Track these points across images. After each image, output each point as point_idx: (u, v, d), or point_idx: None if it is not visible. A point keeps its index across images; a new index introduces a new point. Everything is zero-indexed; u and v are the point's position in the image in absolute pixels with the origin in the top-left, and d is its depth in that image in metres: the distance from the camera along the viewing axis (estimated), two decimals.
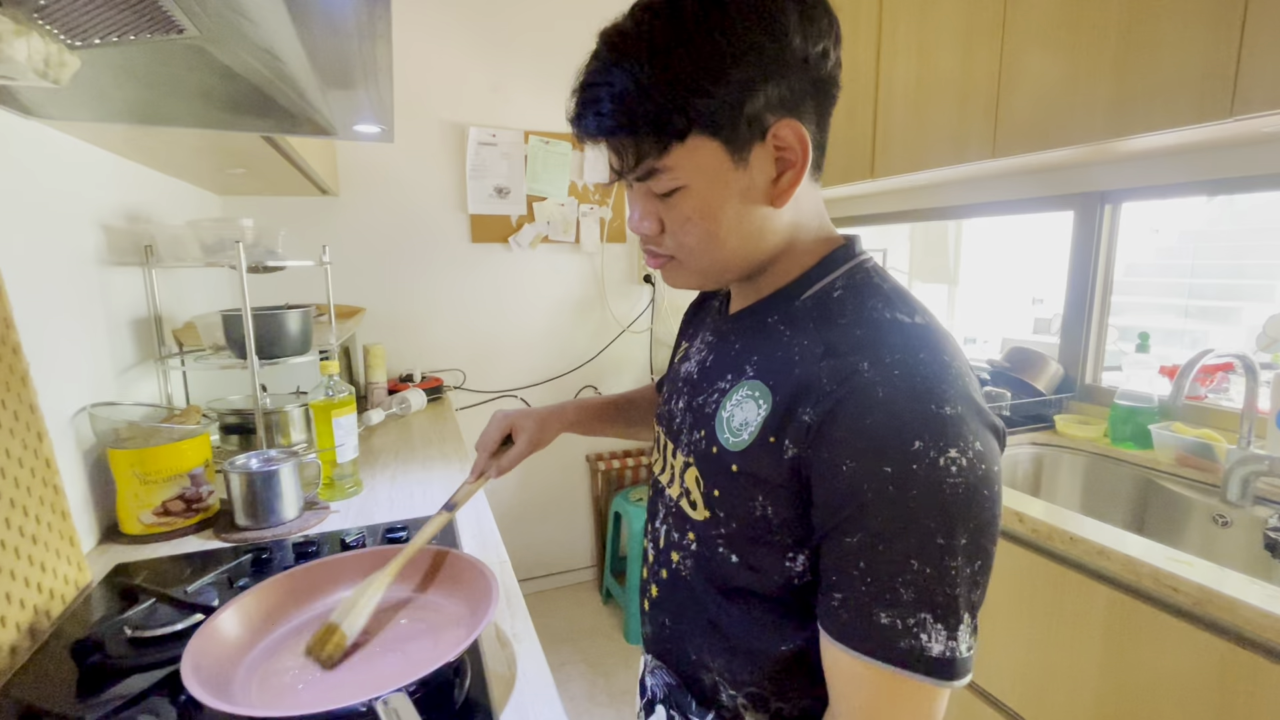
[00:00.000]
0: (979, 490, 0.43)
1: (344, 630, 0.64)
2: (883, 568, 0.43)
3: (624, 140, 0.48)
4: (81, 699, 0.63)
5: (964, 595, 0.43)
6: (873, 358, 0.45)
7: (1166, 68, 1.06)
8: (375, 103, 0.88)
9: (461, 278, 2.20)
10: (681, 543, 0.58)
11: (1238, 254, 2.63)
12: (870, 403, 0.43)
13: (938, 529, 0.42)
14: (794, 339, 0.51)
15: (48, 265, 0.92)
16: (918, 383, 0.44)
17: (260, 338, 1.18)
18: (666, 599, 0.61)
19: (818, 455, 0.45)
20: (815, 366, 0.47)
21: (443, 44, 2.05)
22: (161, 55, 0.67)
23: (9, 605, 0.69)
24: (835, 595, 0.46)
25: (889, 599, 0.43)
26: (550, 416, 0.82)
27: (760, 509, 0.50)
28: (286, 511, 1.04)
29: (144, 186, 1.27)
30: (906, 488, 0.42)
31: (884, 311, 0.49)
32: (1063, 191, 1.57)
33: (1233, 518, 1.15)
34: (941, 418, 0.42)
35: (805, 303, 0.53)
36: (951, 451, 0.42)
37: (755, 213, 0.50)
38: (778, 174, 0.50)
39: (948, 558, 0.42)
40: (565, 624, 2.25)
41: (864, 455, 0.43)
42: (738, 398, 0.53)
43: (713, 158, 0.48)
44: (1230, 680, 0.81)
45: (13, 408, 0.75)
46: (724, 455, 0.52)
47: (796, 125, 0.48)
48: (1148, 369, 1.40)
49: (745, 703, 0.55)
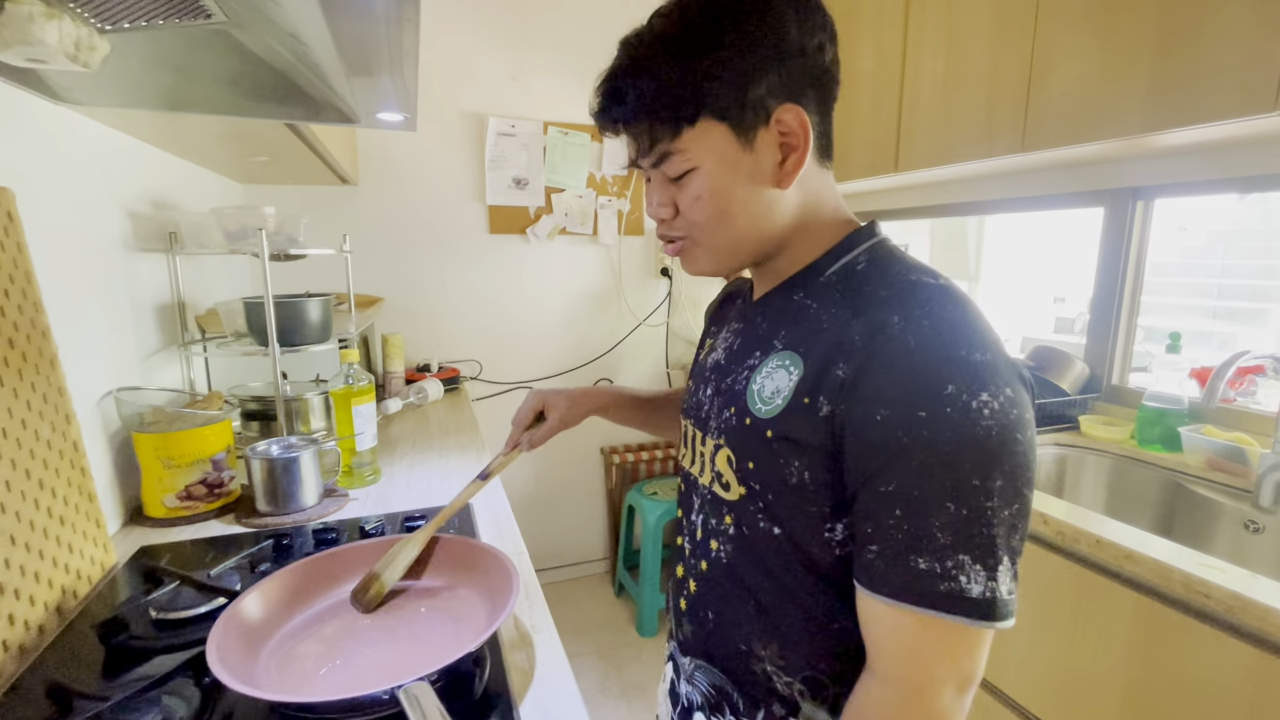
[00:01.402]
0: (1012, 433, 0.43)
1: (384, 579, 0.71)
2: (918, 512, 0.43)
3: (641, 126, 0.53)
4: (107, 679, 0.64)
5: (1002, 536, 0.43)
6: (902, 312, 0.47)
7: (1207, 59, 1.03)
8: (399, 90, 0.87)
9: (479, 269, 2.20)
10: (720, 528, 0.58)
11: (1267, 254, 2.56)
12: (902, 351, 0.45)
13: (972, 470, 0.43)
14: (821, 309, 0.53)
15: (76, 250, 0.93)
16: (946, 330, 0.45)
17: (281, 325, 1.19)
18: (708, 591, 0.60)
19: (852, 408, 0.46)
20: (845, 327, 0.49)
21: (463, 33, 2.04)
22: (189, 40, 0.67)
23: (37, 584, 0.70)
24: (871, 547, 0.46)
25: (925, 543, 0.43)
26: (582, 396, 0.84)
27: (796, 475, 0.50)
28: (306, 498, 1.05)
29: (169, 173, 1.28)
30: (940, 430, 0.43)
31: (908, 275, 0.51)
32: (1093, 187, 1.53)
33: (1264, 524, 1.13)
34: (972, 363, 0.44)
35: (830, 277, 0.55)
36: (983, 395, 0.43)
37: (763, 193, 0.53)
38: (782, 157, 0.53)
39: (983, 498, 0.43)
40: (578, 616, 2.26)
41: (898, 402, 0.44)
42: (768, 369, 0.54)
43: (721, 140, 0.51)
44: (1262, 690, 0.79)
45: (42, 390, 0.75)
46: (757, 424, 0.53)
47: (798, 110, 0.51)
48: (1177, 370, 1.37)
49: (802, 689, 0.54)
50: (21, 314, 0.74)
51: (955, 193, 1.90)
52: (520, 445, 0.82)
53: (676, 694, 0.65)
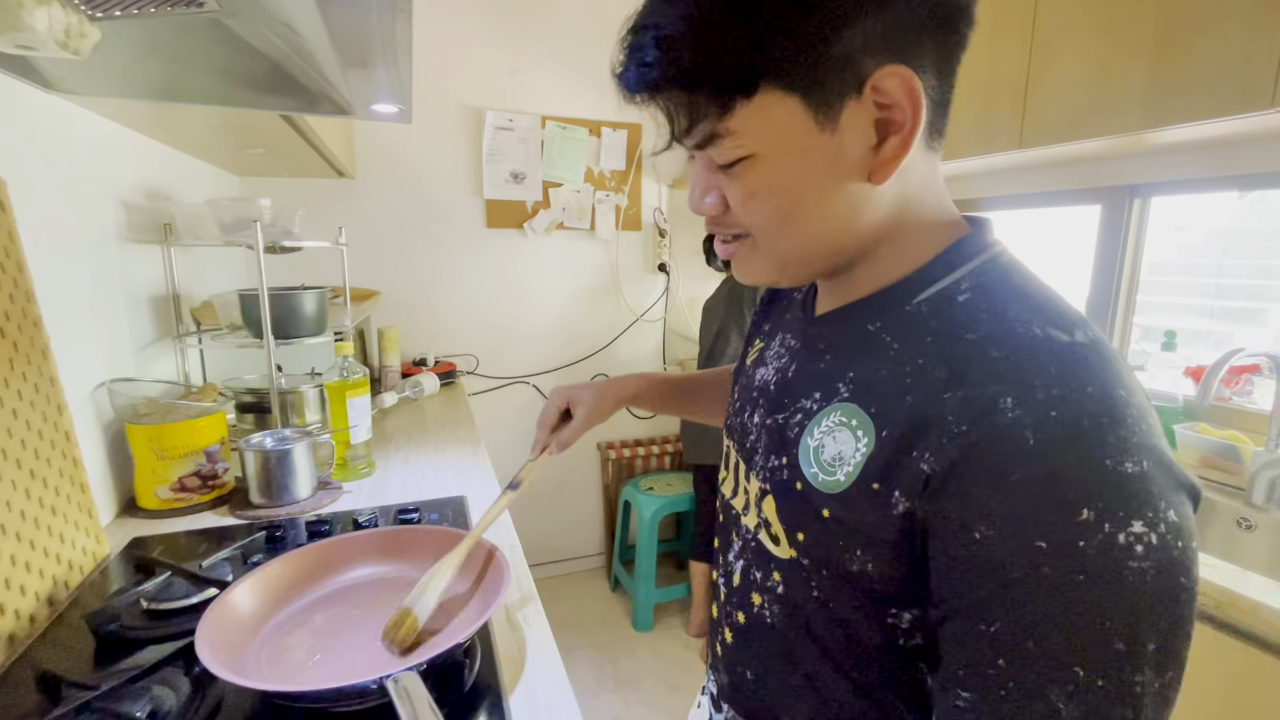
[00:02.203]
0: (1174, 577, 0.31)
1: (416, 614, 0.63)
2: (1031, 671, 0.32)
3: (675, 97, 0.38)
4: (98, 668, 0.64)
5: (1145, 713, 0.32)
6: (1019, 391, 0.34)
7: (1205, 55, 1.02)
8: (394, 81, 0.87)
9: (476, 263, 2.20)
10: (765, 584, 0.48)
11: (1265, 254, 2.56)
12: (1017, 452, 0.32)
13: (1115, 630, 0.31)
14: (904, 355, 0.40)
15: (69, 241, 0.93)
16: (1085, 427, 0.32)
17: (276, 318, 1.18)
18: (746, 648, 0.50)
19: (940, 514, 0.35)
20: (937, 397, 0.36)
21: (461, 26, 2.03)
22: (182, 29, 0.66)
23: (28, 574, 0.70)
24: (963, 695, 0.34)
25: (1040, 711, 0.32)
26: (609, 389, 0.77)
27: (858, 563, 0.40)
28: (300, 490, 1.05)
29: (164, 165, 1.28)
30: (1071, 572, 0.31)
31: (1031, 325, 0.36)
32: (1090, 185, 1.54)
33: (1257, 521, 1.13)
34: (1120, 476, 0.31)
35: (919, 307, 0.41)
36: (1136, 525, 0.31)
37: (847, 190, 0.39)
38: (879, 139, 0.38)
39: (1129, 669, 0.31)
40: (573, 610, 2.26)
41: (1008, 522, 0.32)
42: (829, 424, 0.42)
43: (789, 118, 0.37)
44: (1251, 685, 0.80)
45: (33, 380, 0.75)
46: (811, 494, 0.42)
47: (906, 73, 0.36)
48: (1172, 369, 1.37)
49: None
50: (13, 304, 0.74)
51: (953, 190, 1.89)
52: (549, 448, 0.76)
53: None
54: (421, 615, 0.64)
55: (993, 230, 0.45)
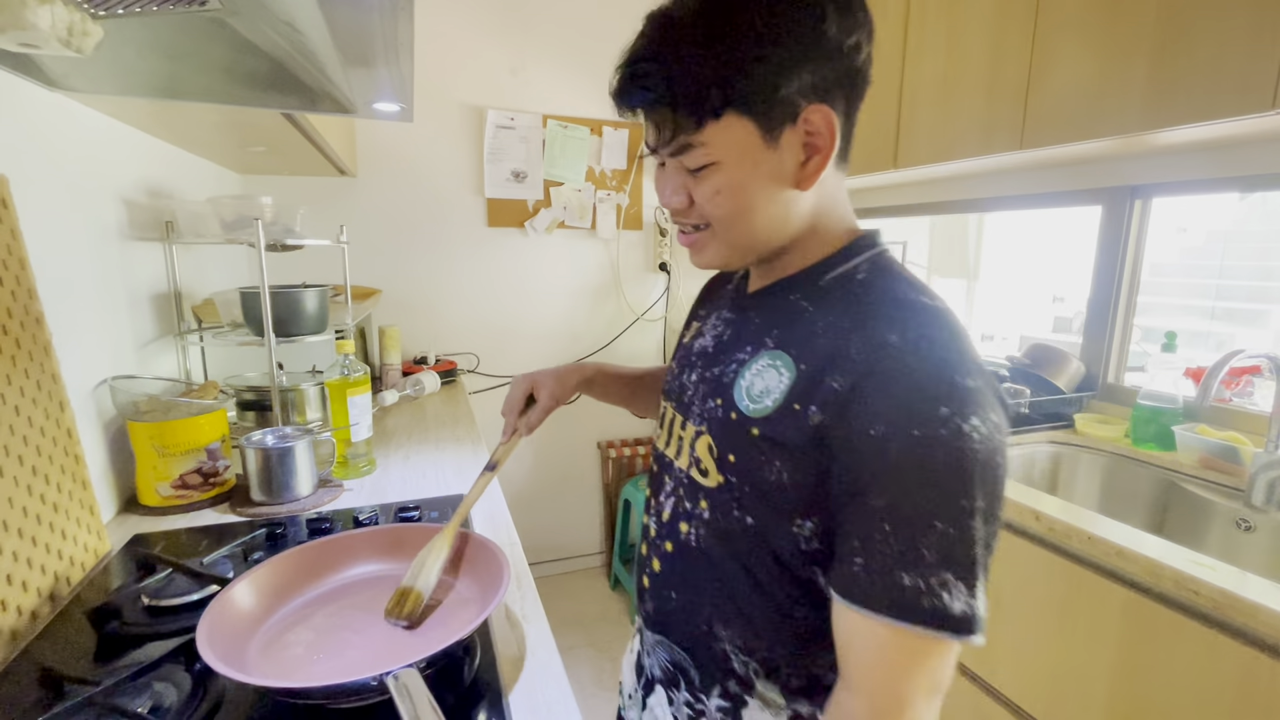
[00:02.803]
0: (995, 457, 0.45)
1: (419, 589, 0.68)
2: (908, 529, 0.44)
3: (663, 113, 0.51)
4: (99, 664, 0.64)
5: (981, 556, 0.45)
6: (900, 331, 0.48)
7: (1206, 57, 1.02)
8: (396, 80, 0.87)
9: (477, 262, 2.20)
10: (693, 511, 0.59)
11: (1266, 255, 2.56)
12: (900, 372, 0.46)
13: (960, 491, 0.44)
14: (817, 314, 0.54)
15: (71, 238, 0.93)
16: (941, 354, 0.46)
17: (278, 316, 1.19)
18: (672, 572, 0.61)
19: (845, 422, 0.47)
20: (843, 339, 0.49)
21: (463, 25, 2.04)
22: (184, 27, 0.66)
23: (30, 570, 0.70)
24: (856, 560, 0.46)
25: (913, 560, 0.44)
26: (568, 372, 0.84)
27: (776, 474, 0.51)
28: (301, 488, 1.05)
29: (165, 162, 1.28)
30: (934, 451, 0.44)
31: (907, 293, 0.51)
32: (1091, 185, 1.53)
33: (1256, 522, 1.13)
34: (965, 388, 0.45)
35: (829, 282, 0.55)
36: (974, 419, 0.44)
37: (782, 194, 0.52)
38: (806, 157, 0.51)
39: (969, 519, 0.44)
40: (573, 608, 2.27)
41: (894, 421, 0.45)
42: (758, 366, 0.55)
43: (745, 136, 0.50)
44: (1249, 686, 0.80)
45: (35, 377, 0.75)
46: (744, 421, 0.54)
47: (827, 111, 0.50)
48: (1173, 370, 1.37)
49: (758, 669, 0.56)
50: (15, 300, 0.74)
51: (954, 190, 1.90)
52: (519, 431, 0.81)
53: (641, 666, 0.68)
54: (425, 590, 0.68)
55: (880, 236, 0.59)
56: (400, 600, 0.67)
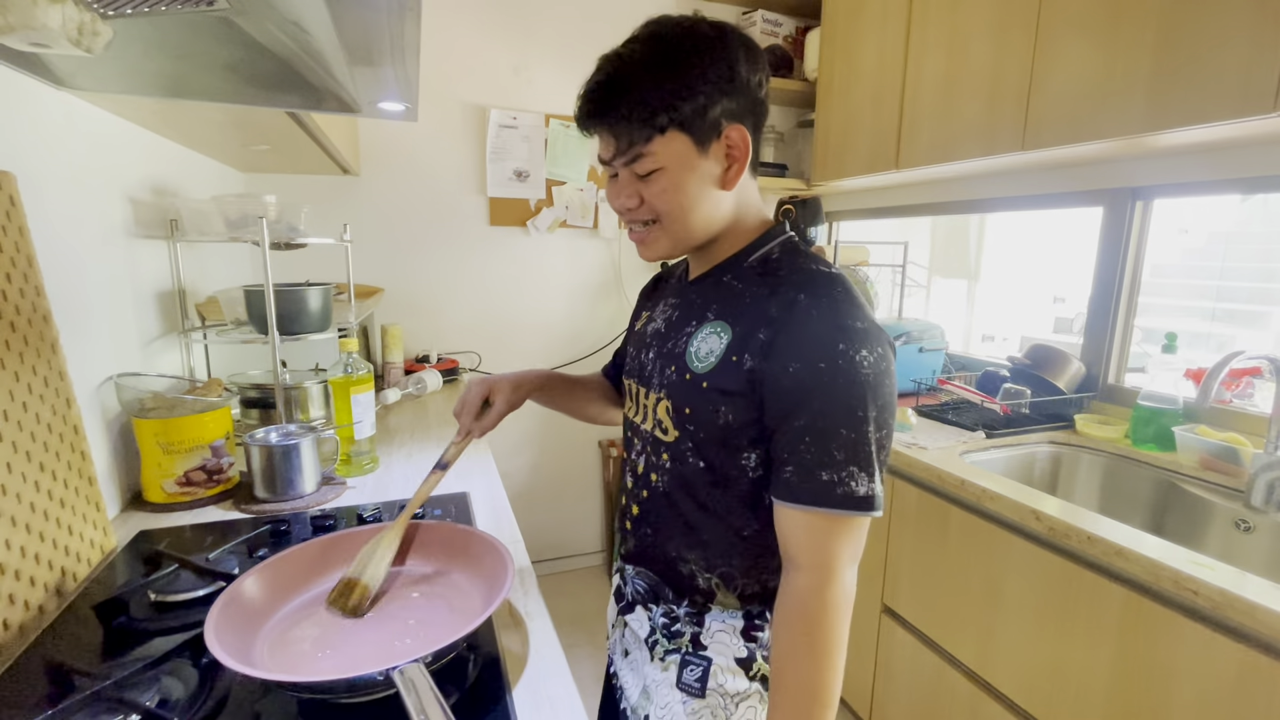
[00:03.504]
0: (883, 379, 0.61)
1: (365, 581, 0.70)
2: (822, 438, 0.59)
3: (621, 129, 0.65)
4: (106, 658, 0.64)
5: (876, 452, 0.61)
6: (807, 290, 0.63)
7: (1207, 59, 1.03)
8: (401, 80, 0.87)
9: (479, 261, 2.20)
10: (659, 463, 0.73)
11: (1268, 257, 2.56)
12: (807, 320, 0.61)
13: (857, 405, 0.59)
14: (745, 288, 0.68)
15: (77, 235, 0.93)
16: (837, 305, 0.61)
17: (281, 313, 1.19)
18: (647, 513, 0.75)
19: (770, 365, 0.61)
20: (765, 302, 0.64)
21: (466, 24, 2.04)
22: (191, 27, 0.67)
23: (37, 566, 0.71)
24: (786, 469, 0.61)
25: (828, 461, 0.59)
26: (522, 380, 0.90)
27: (723, 416, 0.65)
28: (304, 485, 1.05)
29: (170, 161, 1.29)
30: (836, 377, 0.59)
31: (809, 264, 0.67)
32: (1092, 187, 1.54)
33: (1255, 523, 1.13)
34: (856, 329, 0.60)
35: (752, 264, 0.70)
36: (864, 351, 0.60)
37: (711, 193, 0.67)
38: (728, 165, 0.66)
39: (865, 426, 0.60)
40: (574, 607, 2.27)
41: (805, 358, 0.60)
42: (702, 335, 0.69)
43: (684, 148, 0.64)
44: (1248, 685, 0.80)
45: (42, 374, 0.76)
46: (695, 378, 0.67)
47: (743, 130, 0.65)
48: (1173, 371, 1.37)
49: (719, 582, 0.70)
50: (23, 298, 0.74)
51: (955, 191, 1.90)
52: (472, 433, 0.86)
53: (622, 594, 0.81)
54: (372, 582, 0.70)
55: (786, 225, 0.73)
56: (345, 591, 0.69)
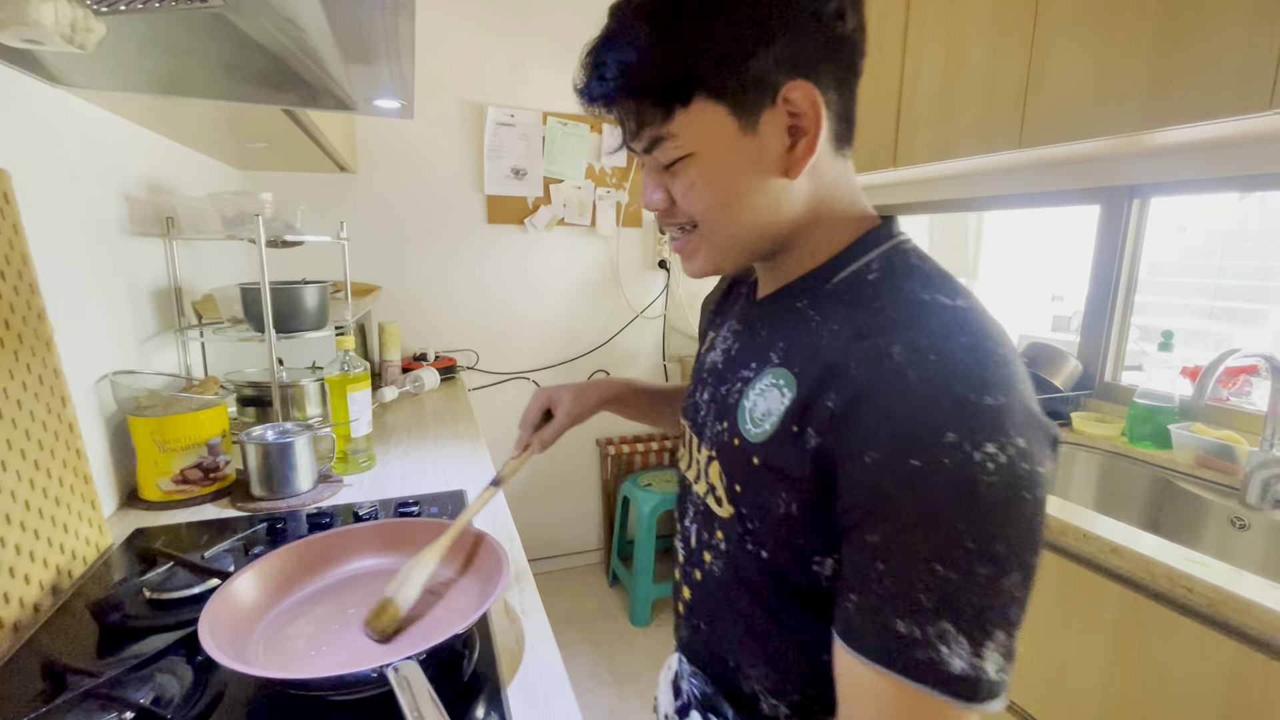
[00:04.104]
0: (1018, 492, 0.38)
1: (398, 603, 0.65)
2: (902, 570, 0.39)
3: (627, 106, 0.47)
4: (102, 656, 0.64)
5: (995, 609, 0.38)
6: (906, 340, 0.41)
7: (1204, 58, 1.03)
8: (396, 77, 0.87)
9: (477, 259, 2.20)
10: (711, 542, 0.55)
11: (1266, 255, 2.56)
12: (900, 388, 0.39)
13: (967, 531, 0.37)
14: (823, 324, 0.47)
15: (72, 233, 0.93)
16: (955, 367, 0.39)
17: (278, 311, 1.19)
18: (701, 602, 0.58)
19: (841, 445, 0.42)
20: (843, 351, 0.43)
21: (462, 22, 2.03)
22: (186, 24, 0.67)
23: (32, 563, 0.70)
24: (851, 596, 0.41)
25: (907, 604, 0.38)
26: (589, 389, 0.80)
27: (784, 506, 0.46)
28: (301, 483, 1.05)
29: (166, 158, 1.28)
30: (933, 484, 0.37)
31: (921, 293, 0.44)
32: (1089, 185, 1.54)
33: (1251, 521, 1.14)
34: (981, 407, 0.38)
35: (837, 286, 0.49)
36: (989, 446, 0.37)
37: (769, 184, 0.48)
38: (791, 141, 0.46)
39: (977, 564, 0.37)
40: (571, 605, 2.27)
41: (889, 448, 0.39)
42: (761, 386, 0.50)
43: (718, 123, 0.45)
44: (1242, 682, 0.80)
45: (37, 371, 0.76)
46: (746, 447, 0.49)
47: (808, 87, 0.45)
48: (1169, 369, 1.38)
49: (788, 712, 0.52)
50: (17, 295, 0.74)
51: (953, 189, 1.91)
52: (531, 446, 0.79)
53: (679, 689, 0.64)
54: (403, 604, 0.65)
55: (898, 224, 0.52)
56: (379, 612, 0.64)
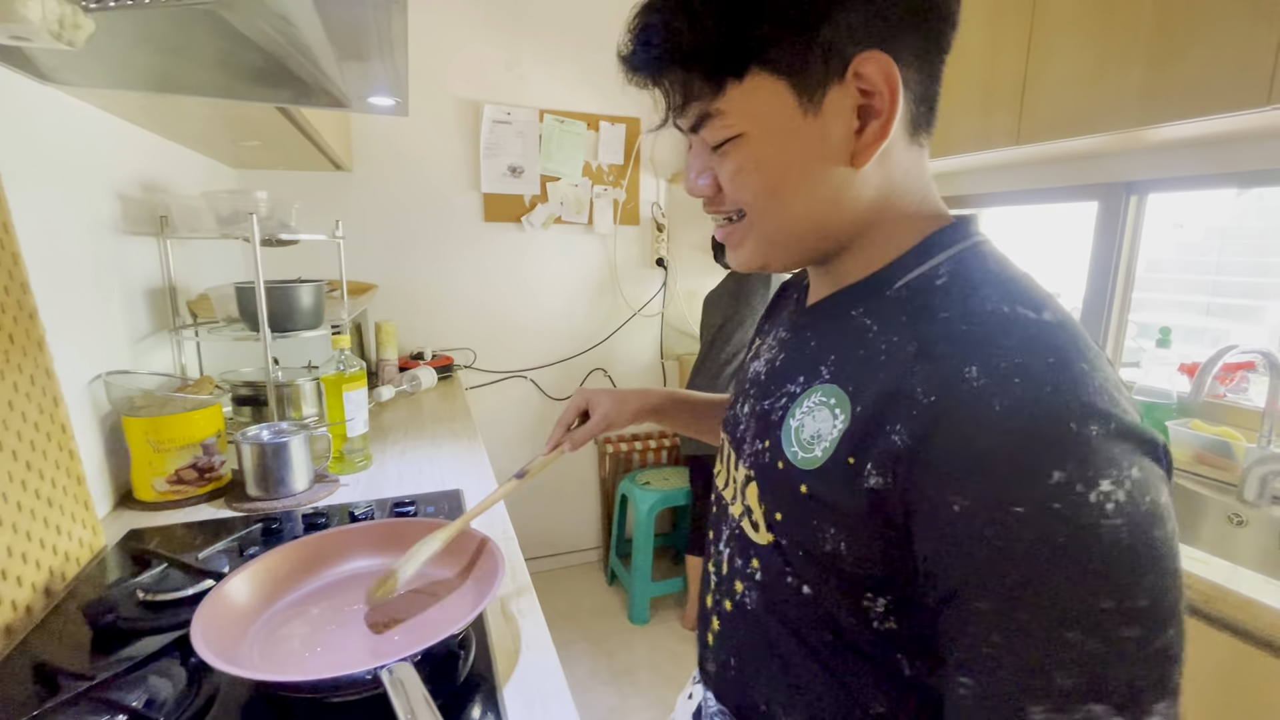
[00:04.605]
0: (1148, 531, 0.31)
1: (398, 576, 0.67)
2: (1028, 644, 0.31)
3: (673, 76, 0.42)
4: (94, 658, 0.64)
5: (1149, 675, 0.31)
6: (983, 360, 0.35)
7: (1201, 53, 1.02)
8: (390, 74, 0.87)
9: (474, 257, 2.19)
10: (745, 570, 0.49)
11: (1263, 251, 2.56)
12: (983, 419, 0.33)
13: (1101, 588, 0.31)
14: (882, 335, 0.41)
15: (64, 232, 0.92)
16: (1048, 393, 0.33)
17: (273, 311, 1.18)
18: (730, 635, 0.52)
19: (916, 489, 0.35)
20: (907, 370, 0.37)
21: (459, 19, 2.03)
22: (177, 20, 0.66)
23: (24, 565, 0.70)
24: (963, 681, 0.34)
25: (1041, 687, 0.31)
26: (630, 396, 0.78)
27: (831, 543, 0.40)
28: (297, 483, 1.05)
29: (159, 157, 1.28)
30: (1050, 534, 0.31)
31: (1000, 304, 0.38)
32: (1087, 181, 1.54)
33: (1248, 517, 1.14)
34: (1085, 438, 0.32)
35: (899, 292, 0.43)
36: (1104, 484, 0.31)
37: (830, 173, 0.41)
38: (860, 124, 0.40)
39: (1120, 626, 0.31)
40: (569, 603, 2.27)
41: (981, 491, 0.33)
42: (809, 404, 0.43)
43: (776, 101, 0.39)
44: (1239, 677, 0.80)
45: (29, 372, 0.75)
46: (791, 473, 0.43)
47: (885, 59, 0.38)
48: (1167, 365, 1.38)
49: None
50: (8, 295, 0.73)
51: (951, 186, 1.90)
52: (562, 445, 0.77)
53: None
54: (402, 577, 0.67)
55: (976, 224, 0.46)
56: (382, 583, 0.67)
